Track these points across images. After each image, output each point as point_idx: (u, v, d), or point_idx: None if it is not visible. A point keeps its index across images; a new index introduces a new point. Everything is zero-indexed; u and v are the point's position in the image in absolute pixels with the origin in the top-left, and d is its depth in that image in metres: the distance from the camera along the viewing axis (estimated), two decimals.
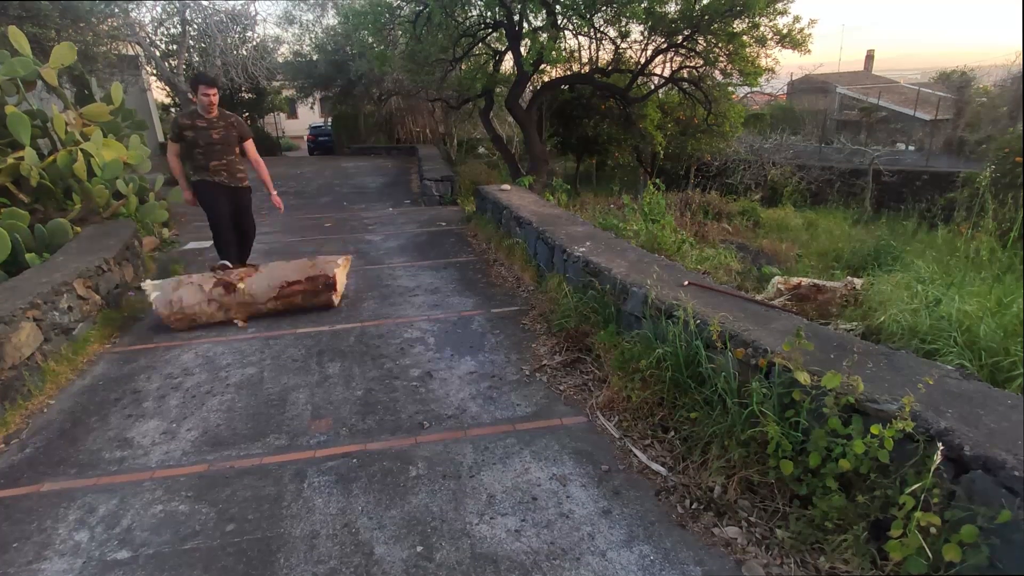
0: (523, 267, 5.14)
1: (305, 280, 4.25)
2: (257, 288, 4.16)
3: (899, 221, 11.40)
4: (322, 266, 4.34)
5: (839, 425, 1.94)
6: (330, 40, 19.44)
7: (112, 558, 2.06)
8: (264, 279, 4.21)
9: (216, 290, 4.05)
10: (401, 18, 9.95)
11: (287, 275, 4.26)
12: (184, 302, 3.99)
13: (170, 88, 15.58)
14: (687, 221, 8.85)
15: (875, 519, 1.83)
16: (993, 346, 2.75)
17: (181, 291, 4.00)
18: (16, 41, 5.30)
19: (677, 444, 2.54)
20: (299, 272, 4.28)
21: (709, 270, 4.99)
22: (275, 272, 4.28)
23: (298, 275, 4.26)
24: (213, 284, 4.05)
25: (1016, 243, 5.62)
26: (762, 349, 2.34)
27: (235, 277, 4.13)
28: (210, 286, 4.04)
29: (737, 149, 14.74)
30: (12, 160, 5.05)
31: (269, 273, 4.26)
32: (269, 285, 4.19)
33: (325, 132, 23.31)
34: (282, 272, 4.28)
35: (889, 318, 3.33)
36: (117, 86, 5.94)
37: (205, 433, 2.84)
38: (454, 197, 9.88)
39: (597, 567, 1.96)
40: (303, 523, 2.21)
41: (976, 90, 18.18)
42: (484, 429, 2.81)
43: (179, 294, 3.99)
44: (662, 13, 8.92)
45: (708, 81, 10.56)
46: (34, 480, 2.50)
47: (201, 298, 4.02)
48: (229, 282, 4.08)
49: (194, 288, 4.03)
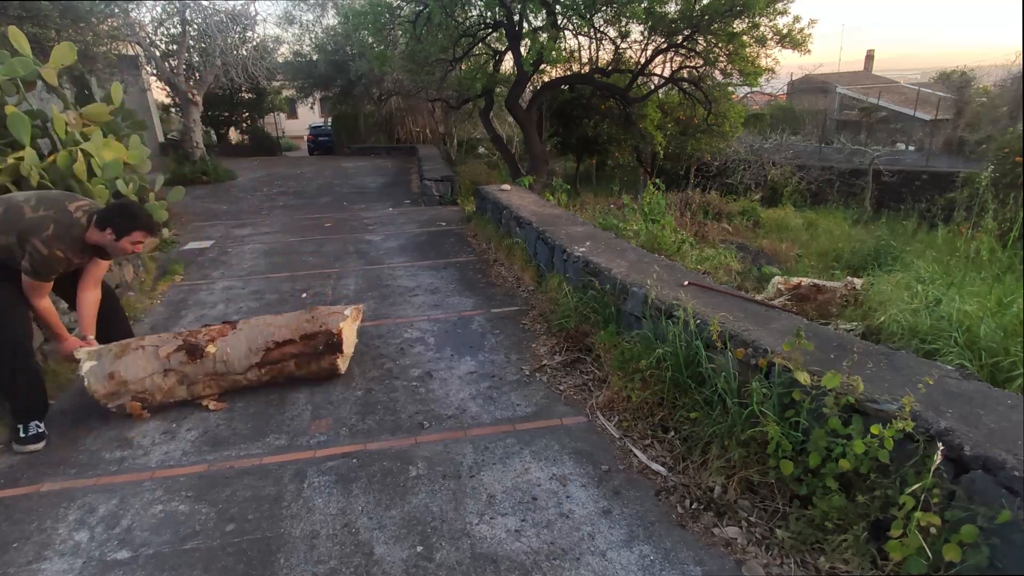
0: (523, 267, 5.14)
1: (300, 339, 3.22)
2: (234, 352, 3.12)
3: (899, 221, 11.40)
4: (323, 319, 3.29)
5: (839, 425, 1.94)
6: (330, 40, 19.44)
7: (112, 558, 2.06)
8: (243, 339, 3.16)
9: (177, 356, 3.03)
10: (401, 18, 9.95)
11: (275, 333, 3.20)
12: (130, 375, 2.94)
13: (170, 88, 15.56)
14: (687, 221, 8.84)
15: (875, 519, 1.83)
16: (993, 346, 2.75)
17: (126, 359, 2.96)
18: (16, 41, 5.30)
19: (677, 444, 2.54)
20: (292, 328, 3.23)
21: (709, 270, 4.99)
22: (259, 330, 3.22)
23: (290, 332, 3.22)
24: (174, 349, 3.04)
25: (1016, 243, 5.62)
26: (762, 349, 2.34)
27: (203, 338, 3.13)
28: (169, 350, 3.04)
29: (737, 149, 14.73)
30: (12, 160, 5.05)
31: (250, 331, 3.20)
32: (250, 348, 3.15)
33: (325, 132, 23.30)
34: (268, 329, 3.22)
35: (889, 318, 3.33)
36: (117, 86, 5.94)
37: (205, 433, 2.84)
38: (454, 197, 9.88)
39: (597, 567, 1.96)
40: (303, 523, 2.20)
41: (976, 90, 18.17)
42: (484, 429, 2.81)
43: (123, 363, 2.95)
44: (662, 13, 8.92)
45: (708, 81, 10.56)
46: (34, 480, 2.50)
47: (155, 367, 2.99)
48: (195, 344, 3.07)
49: (145, 354, 3.00)
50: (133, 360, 2.97)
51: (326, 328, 3.24)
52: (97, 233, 2.75)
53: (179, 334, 3.19)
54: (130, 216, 2.79)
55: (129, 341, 3.10)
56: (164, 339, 3.13)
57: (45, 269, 2.66)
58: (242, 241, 7.20)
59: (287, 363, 3.23)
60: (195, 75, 15.38)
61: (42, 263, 2.62)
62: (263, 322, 3.31)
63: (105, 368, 2.92)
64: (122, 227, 2.75)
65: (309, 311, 3.39)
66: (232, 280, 5.47)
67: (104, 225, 2.74)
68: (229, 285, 5.32)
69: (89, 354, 2.94)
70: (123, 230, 2.76)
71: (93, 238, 2.76)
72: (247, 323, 3.29)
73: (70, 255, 2.69)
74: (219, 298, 4.93)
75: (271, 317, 3.41)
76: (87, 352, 2.94)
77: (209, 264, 6.13)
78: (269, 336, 3.19)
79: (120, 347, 3.02)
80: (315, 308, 3.45)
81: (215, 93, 18.27)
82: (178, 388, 3.07)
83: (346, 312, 3.39)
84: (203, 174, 13.10)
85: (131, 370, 2.95)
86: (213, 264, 6.13)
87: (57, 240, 2.62)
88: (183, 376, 3.06)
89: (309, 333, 3.23)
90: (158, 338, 3.15)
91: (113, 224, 2.74)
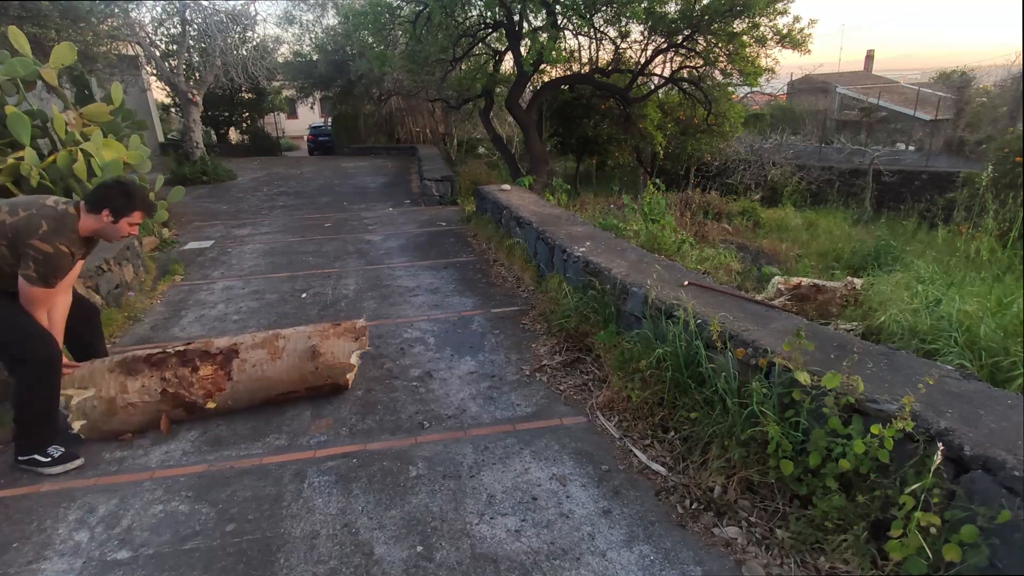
0: (523, 267, 5.14)
1: (305, 390, 3.05)
2: (237, 403, 2.96)
3: (899, 221, 11.41)
4: (328, 370, 3.03)
5: (839, 425, 1.94)
6: (330, 40, 19.44)
7: (112, 558, 2.06)
8: (245, 392, 2.93)
9: (175, 412, 2.86)
10: (401, 18, 9.96)
11: (277, 387, 2.98)
12: (119, 426, 2.80)
13: (170, 88, 15.57)
14: (687, 221, 8.85)
15: (875, 519, 1.83)
16: (993, 346, 2.75)
17: (116, 419, 2.76)
18: (16, 41, 5.30)
19: (677, 444, 2.54)
20: (295, 380, 3.00)
21: (709, 270, 4.99)
22: (260, 383, 2.94)
23: (293, 384, 3.00)
24: (170, 407, 2.83)
25: (1016, 243, 5.63)
26: (762, 349, 2.34)
27: (199, 393, 2.85)
28: (166, 408, 2.83)
29: (737, 149, 14.74)
30: (12, 160, 5.05)
31: (251, 384, 2.93)
32: (252, 400, 2.99)
33: (325, 132, 23.31)
34: (269, 382, 2.96)
35: (889, 318, 3.33)
36: (117, 86, 5.94)
37: (205, 433, 2.84)
38: (454, 197, 9.88)
39: (597, 567, 1.96)
40: (303, 523, 2.20)
41: (976, 90, 18.17)
42: (484, 429, 2.81)
43: (114, 420, 2.76)
44: (662, 13, 8.93)
45: (708, 81, 10.56)
46: (34, 480, 2.50)
47: (149, 419, 2.83)
48: (193, 403, 2.84)
49: (137, 411, 2.78)
50: (124, 417, 2.76)
51: (331, 381, 3.07)
52: (91, 219, 2.47)
53: (170, 384, 2.81)
54: (127, 194, 2.51)
55: (117, 397, 2.73)
56: (154, 393, 2.78)
57: (53, 271, 2.38)
58: (242, 241, 7.20)
59: (288, 400, 3.09)
60: (195, 75, 15.39)
61: (48, 264, 2.35)
62: (264, 371, 2.93)
63: (97, 426, 2.73)
64: (121, 207, 2.48)
65: (314, 355, 3.00)
66: (232, 280, 5.47)
67: (99, 207, 2.46)
68: (229, 285, 5.31)
69: (78, 411, 2.69)
70: (122, 210, 2.48)
71: (87, 226, 2.48)
72: (246, 371, 2.91)
73: (73, 249, 2.43)
74: (219, 298, 4.93)
75: (273, 364, 2.95)
76: (77, 407, 2.69)
77: (209, 264, 6.13)
78: (272, 390, 2.99)
79: (108, 405, 2.72)
80: (322, 343, 3.05)
81: (215, 93, 18.26)
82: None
83: (352, 361, 3.12)
84: (203, 174, 13.10)
85: (122, 425, 2.78)
86: (213, 264, 6.13)
87: (56, 235, 2.36)
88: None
89: (314, 385, 3.05)
90: (147, 393, 2.77)
91: (111, 204, 2.46)
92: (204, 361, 2.89)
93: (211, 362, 2.89)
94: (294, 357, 2.98)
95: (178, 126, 18.97)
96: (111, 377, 2.76)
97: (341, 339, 3.10)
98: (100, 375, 2.76)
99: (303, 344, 3.02)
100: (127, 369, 2.79)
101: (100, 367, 2.79)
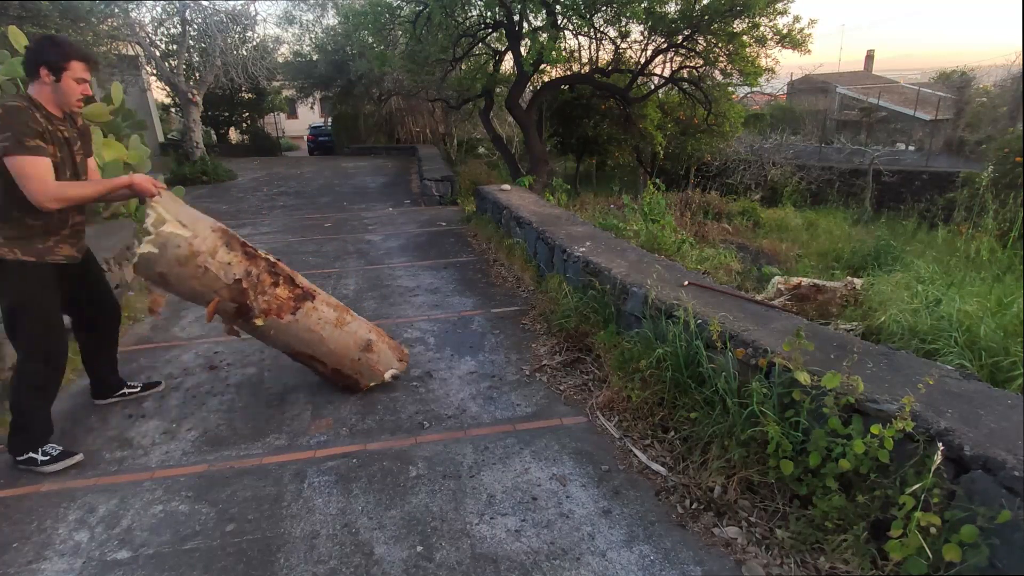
0: (523, 267, 5.14)
1: (332, 371, 3.04)
2: (275, 339, 2.91)
3: (899, 221, 11.42)
4: (372, 362, 3.06)
5: (839, 425, 1.94)
6: (330, 40, 19.46)
7: (112, 558, 2.06)
8: (290, 334, 2.88)
9: (223, 305, 2.69)
10: (401, 18, 9.97)
11: (321, 349, 2.95)
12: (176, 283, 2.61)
13: (170, 88, 15.58)
14: (687, 221, 8.85)
15: (875, 519, 1.83)
16: (993, 346, 2.75)
17: (185, 271, 2.57)
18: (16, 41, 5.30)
19: (677, 444, 2.53)
20: (336, 355, 2.96)
21: (709, 270, 4.99)
22: (310, 335, 2.90)
23: (332, 358, 2.97)
24: (228, 298, 2.68)
25: (1016, 243, 5.63)
26: (762, 349, 2.34)
27: (262, 305, 2.74)
28: (224, 296, 2.68)
29: (737, 149, 14.75)
30: None
31: (304, 331, 2.88)
32: (288, 344, 2.95)
33: (325, 132, 23.32)
34: (318, 341, 2.92)
35: (889, 318, 3.33)
36: (117, 86, 5.94)
37: (205, 433, 2.84)
38: (454, 197, 9.88)
39: (597, 567, 1.96)
40: (303, 523, 2.20)
41: (976, 90, 18.18)
42: (484, 429, 2.81)
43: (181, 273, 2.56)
44: (662, 13, 8.93)
45: (708, 81, 10.57)
46: (34, 480, 2.50)
47: (202, 293, 2.66)
48: (248, 308, 2.71)
49: (205, 278, 2.61)
50: (189, 274, 2.58)
51: (358, 378, 3.07)
52: (35, 87, 2.31)
53: (247, 279, 2.68)
54: (56, 44, 2.31)
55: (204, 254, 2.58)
56: (230, 275, 2.64)
57: (17, 130, 2.15)
58: None
59: (310, 366, 3.08)
60: (195, 75, 15.40)
61: (5, 126, 2.14)
62: (318, 330, 2.89)
63: (158, 259, 2.49)
64: (54, 60, 2.27)
65: (363, 349, 3.01)
66: None
67: (35, 68, 2.28)
68: None
69: (163, 234, 2.46)
70: (56, 62, 2.27)
71: (38, 96, 2.31)
72: (307, 318, 2.85)
73: (31, 111, 2.23)
74: None
75: (331, 328, 2.92)
76: (167, 231, 2.46)
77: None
78: (311, 348, 2.94)
79: (190, 254, 2.54)
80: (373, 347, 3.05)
81: (215, 93, 18.28)
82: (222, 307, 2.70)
83: (386, 376, 3.14)
84: (203, 174, 13.11)
85: (177, 280, 2.60)
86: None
87: (9, 111, 2.18)
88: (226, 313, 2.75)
89: (342, 372, 3.02)
90: (226, 269, 2.63)
91: (44, 61, 2.26)
92: (286, 284, 2.83)
93: (290, 289, 2.84)
94: (350, 338, 3.00)
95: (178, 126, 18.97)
96: (211, 235, 2.65)
97: (391, 351, 3.19)
98: (203, 226, 2.66)
99: (363, 333, 3.06)
100: (227, 240, 2.71)
101: (206, 222, 2.71)
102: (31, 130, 2.20)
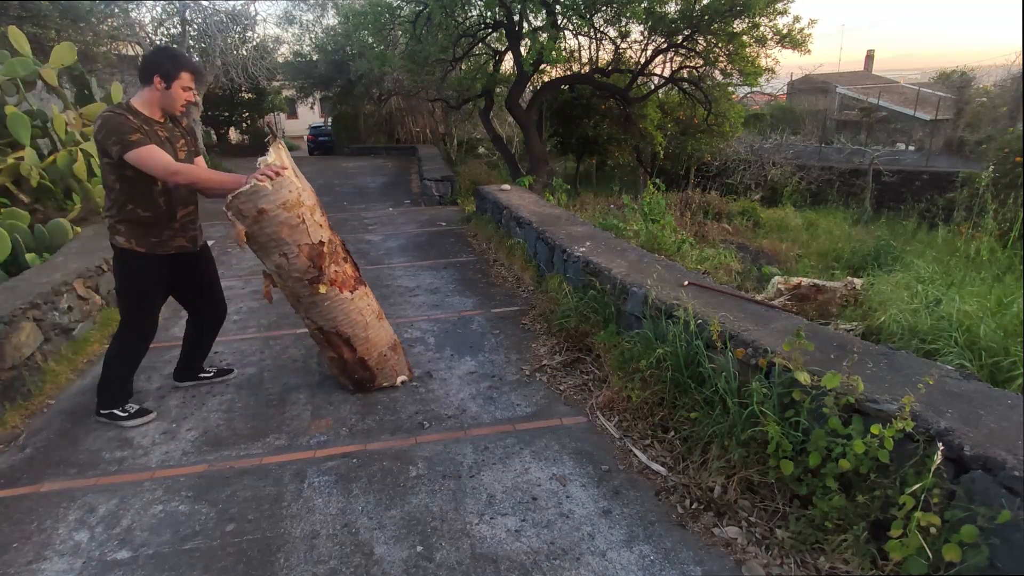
0: (523, 267, 5.14)
1: (357, 359, 3.05)
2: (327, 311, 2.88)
3: (899, 221, 11.42)
4: (392, 360, 3.17)
5: (839, 425, 1.94)
6: (330, 40, 19.45)
7: (112, 558, 2.06)
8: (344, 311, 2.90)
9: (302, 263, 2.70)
10: (401, 18, 9.97)
11: (356, 331, 2.97)
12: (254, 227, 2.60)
13: None
14: (687, 221, 8.85)
15: (875, 519, 1.83)
16: (993, 346, 2.75)
17: (274, 218, 2.58)
18: (16, 41, 5.30)
19: (677, 444, 2.53)
20: (369, 342, 3.03)
21: (709, 270, 4.99)
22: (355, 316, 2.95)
23: (363, 344, 3.01)
24: (307, 257, 2.70)
25: (1016, 243, 5.63)
26: (762, 349, 2.34)
27: (331, 273, 2.81)
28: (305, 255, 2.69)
29: (737, 149, 14.75)
30: (12, 160, 5.06)
31: (352, 311, 2.93)
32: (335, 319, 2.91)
33: (325, 132, 23.31)
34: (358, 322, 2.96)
35: (889, 318, 3.33)
36: (117, 86, 5.95)
37: (205, 433, 2.84)
38: (454, 197, 9.88)
39: (597, 567, 1.96)
40: (303, 523, 2.20)
41: (976, 90, 18.18)
42: (484, 429, 2.81)
43: (264, 219, 2.57)
44: (662, 13, 8.93)
45: (708, 81, 10.57)
46: (34, 480, 2.50)
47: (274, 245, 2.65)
48: (321, 270, 2.76)
49: (290, 232, 2.63)
50: (273, 220, 2.58)
51: (372, 375, 3.11)
52: (147, 92, 2.58)
53: (328, 245, 2.78)
54: (172, 57, 2.59)
55: (303, 208, 2.66)
56: (316, 234, 2.71)
57: (120, 134, 2.43)
58: None
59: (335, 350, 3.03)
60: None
61: (111, 132, 2.43)
62: (361, 313, 2.96)
63: (248, 199, 2.53)
64: (168, 70, 2.54)
65: (391, 347, 3.14)
66: (232, 280, 5.47)
67: (149, 75, 2.55)
68: (230, 285, 5.30)
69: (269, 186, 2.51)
70: (170, 73, 2.54)
71: (146, 100, 2.58)
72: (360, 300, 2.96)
73: (130, 116, 2.49)
74: None
75: (372, 316, 3.04)
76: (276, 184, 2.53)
77: None
78: (355, 328, 2.95)
79: (286, 202, 2.59)
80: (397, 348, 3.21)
81: (215, 93, 18.27)
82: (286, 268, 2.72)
83: (398, 380, 3.23)
84: None
85: (255, 225, 2.60)
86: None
87: (107, 120, 2.47)
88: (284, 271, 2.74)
89: (365, 363, 3.05)
90: (312, 228, 2.69)
91: (158, 69, 2.53)
92: (352, 264, 3.03)
93: (355, 269, 3.05)
94: (385, 332, 3.16)
95: None
96: (313, 196, 2.82)
97: (403, 361, 3.32)
98: (308, 185, 2.85)
99: (392, 334, 3.26)
100: (321, 206, 2.89)
101: (309, 185, 2.87)
102: (129, 128, 2.48)
